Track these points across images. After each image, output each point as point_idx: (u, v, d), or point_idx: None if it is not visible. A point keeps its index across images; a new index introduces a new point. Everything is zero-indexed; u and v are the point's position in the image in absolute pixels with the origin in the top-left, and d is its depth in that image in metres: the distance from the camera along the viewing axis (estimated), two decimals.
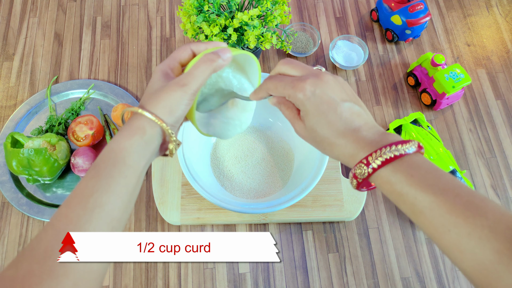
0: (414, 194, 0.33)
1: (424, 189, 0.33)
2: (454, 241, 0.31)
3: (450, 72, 0.78)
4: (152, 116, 0.38)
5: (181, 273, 0.69)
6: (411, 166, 0.35)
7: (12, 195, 0.72)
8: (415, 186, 0.34)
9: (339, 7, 0.97)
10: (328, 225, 0.73)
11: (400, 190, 0.34)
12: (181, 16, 0.70)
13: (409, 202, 0.34)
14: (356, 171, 0.37)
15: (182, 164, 0.64)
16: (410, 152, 0.35)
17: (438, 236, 0.32)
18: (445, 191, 0.33)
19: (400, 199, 0.35)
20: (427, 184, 0.33)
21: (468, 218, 0.31)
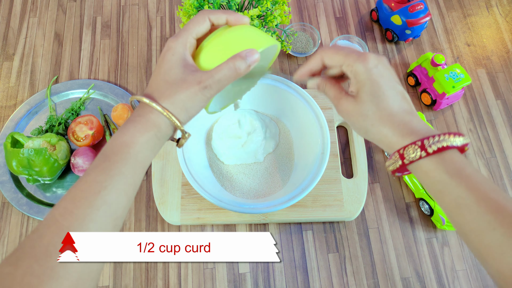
0: (462, 188, 0.33)
1: (473, 186, 0.33)
2: (497, 241, 0.30)
3: (450, 72, 0.78)
4: (168, 113, 0.37)
5: (181, 273, 0.69)
6: (461, 161, 0.35)
7: (12, 195, 0.72)
8: (465, 181, 0.33)
9: (339, 7, 0.97)
10: (328, 225, 0.73)
11: (446, 182, 0.34)
12: (181, 16, 0.70)
13: (455, 195, 0.33)
14: (406, 152, 0.36)
15: (182, 164, 0.64)
16: (459, 145, 0.35)
17: (480, 234, 0.32)
18: (495, 192, 0.32)
19: (445, 190, 0.34)
20: (477, 182, 0.33)
21: None
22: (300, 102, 0.71)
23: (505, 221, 0.31)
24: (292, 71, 0.88)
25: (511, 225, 0.31)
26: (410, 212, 0.74)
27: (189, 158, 0.66)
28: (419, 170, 0.36)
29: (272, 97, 0.75)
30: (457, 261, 0.71)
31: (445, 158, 0.35)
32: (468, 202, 0.33)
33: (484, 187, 0.33)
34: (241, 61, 0.39)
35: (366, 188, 0.72)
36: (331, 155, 0.73)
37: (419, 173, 0.36)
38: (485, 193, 0.33)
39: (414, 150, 0.35)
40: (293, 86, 0.71)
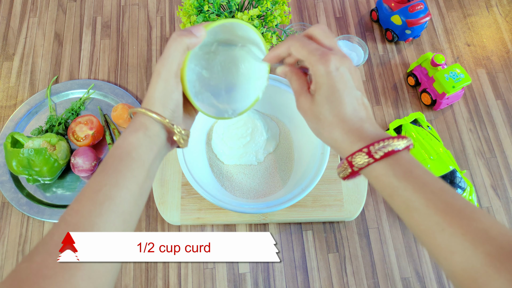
0: (410, 191, 0.33)
1: (421, 188, 0.33)
2: (447, 241, 0.31)
3: (450, 72, 0.78)
4: (149, 112, 0.38)
5: (181, 273, 0.69)
6: (409, 163, 0.35)
7: (12, 195, 0.72)
8: (412, 183, 0.33)
9: (339, 7, 0.97)
10: (328, 225, 0.73)
11: (395, 185, 0.34)
12: (181, 16, 0.70)
13: (404, 198, 0.34)
14: (354, 159, 0.36)
15: (182, 164, 0.64)
16: (402, 147, 0.35)
17: (430, 235, 0.32)
18: (443, 192, 0.33)
19: (394, 194, 0.34)
20: (425, 183, 0.33)
21: (463, 220, 0.31)
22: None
23: (453, 221, 0.31)
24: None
25: (459, 225, 0.31)
26: None
27: (189, 158, 0.66)
28: (370, 176, 0.36)
29: (272, 97, 0.75)
30: None
31: (392, 162, 0.35)
32: (417, 204, 0.33)
33: (432, 187, 0.33)
34: (186, 31, 0.39)
35: (366, 188, 0.72)
36: (331, 155, 0.73)
37: (370, 178, 0.37)
38: (433, 194, 0.33)
39: (361, 158, 0.35)
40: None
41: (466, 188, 0.71)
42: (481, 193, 0.77)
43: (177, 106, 0.40)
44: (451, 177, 0.71)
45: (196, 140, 0.73)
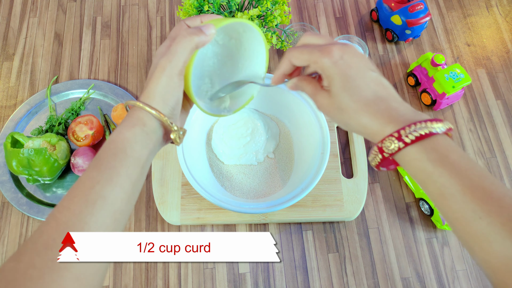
0: (446, 177, 0.32)
1: (457, 174, 0.32)
2: (484, 230, 0.30)
3: (450, 72, 0.78)
4: (148, 108, 0.37)
5: (181, 273, 0.69)
6: (445, 147, 0.33)
7: (12, 195, 0.72)
8: (449, 169, 0.32)
9: (339, 7, 0.97)
10: (328, 225, 0.73)
11: (429, 171, 0.33)
12: (181, 16, 0.70)
13: (439, 184, 0.32)
14: (384, 145, 0.34)
15: (182, 164, 0.64)
16: (441, 131, 0.33)
17: (466, 223, 0.31)
18: (481, 178, 0.31)
19: (430, 179, 0.33)
20: (462, 168, 0.32)
21: (503, 209, 0.29)
22: (300, 102, 0.71)
23: (492, 210, 0.30)
24: None
25: (497, 214, 0.30)
26: (410, 212, 0.74)
27: (189, 158, 0.66)
28: (403, 160, 0.35)
29: (272, 97, 0.75)
30: (457, 261, 0.71)
31: (427, 146, 0.33)
32: (453, 191, 0.31)
33: (470, 173, 0.32)
34: (196, 29, 0.39)
35: (366, 188, 0.72)
36: (331, 155, 0.73)
37: (403, 163, 0.35)
38: (471, 180, 0.31)
39: (391, 142, 0.34)
40: None
41: None
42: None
43: (177, 103, 0.39)
44: None
45: (196, 140, 0.73)
